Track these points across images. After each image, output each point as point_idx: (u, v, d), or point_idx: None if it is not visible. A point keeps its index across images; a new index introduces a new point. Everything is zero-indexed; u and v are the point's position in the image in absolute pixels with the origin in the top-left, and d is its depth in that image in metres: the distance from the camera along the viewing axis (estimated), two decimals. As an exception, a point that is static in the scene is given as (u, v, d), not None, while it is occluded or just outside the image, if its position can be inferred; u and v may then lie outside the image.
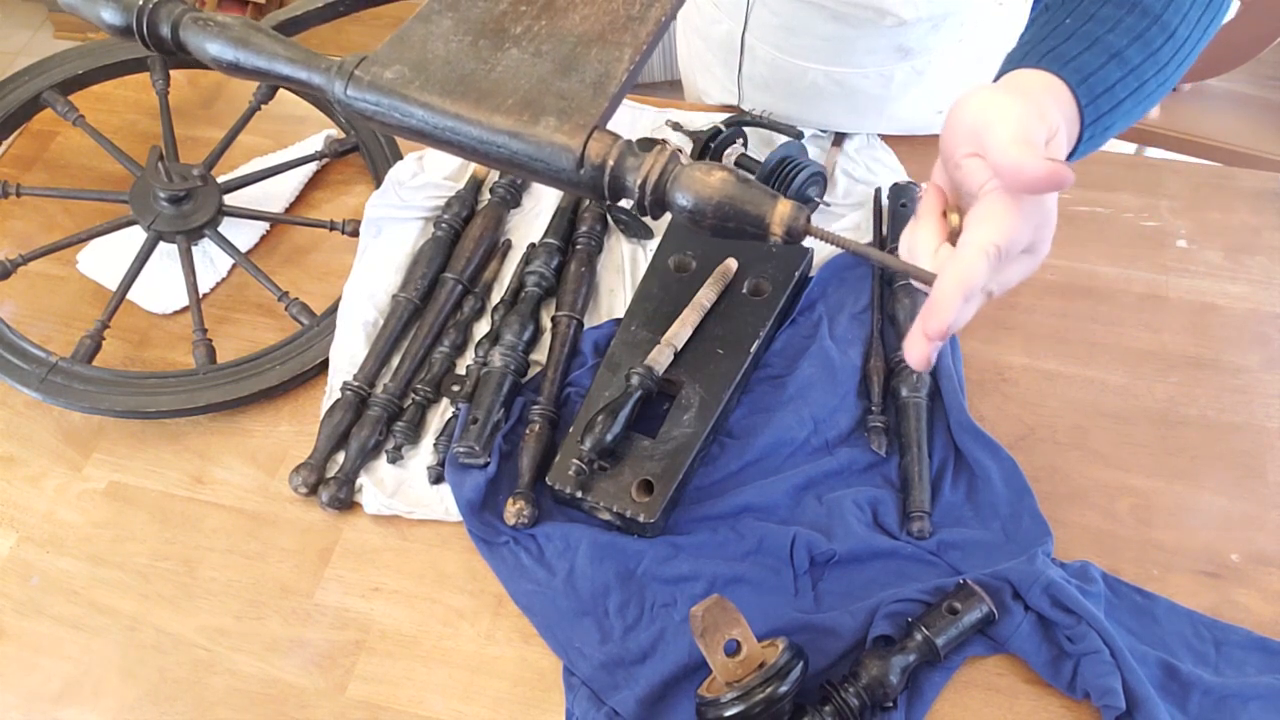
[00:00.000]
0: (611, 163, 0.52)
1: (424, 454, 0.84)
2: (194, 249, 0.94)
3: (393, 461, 0.83)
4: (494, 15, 0.59)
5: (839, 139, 1.01)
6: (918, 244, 0.53)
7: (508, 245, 0.95)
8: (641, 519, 0.76)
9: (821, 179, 0.93)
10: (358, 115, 0.56)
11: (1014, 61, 0.56)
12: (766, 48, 0.96)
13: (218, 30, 0.57)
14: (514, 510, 0.77)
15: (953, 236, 0.53)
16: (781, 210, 0.50)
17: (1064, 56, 0.55)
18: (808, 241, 0.53)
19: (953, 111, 0.53)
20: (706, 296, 0.86)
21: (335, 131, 1.06)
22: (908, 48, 0.91)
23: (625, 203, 0.55)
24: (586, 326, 0.89)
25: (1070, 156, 0.56)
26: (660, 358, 0.82)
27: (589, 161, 0.52)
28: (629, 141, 0.53)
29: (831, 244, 0.51)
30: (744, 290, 0.87)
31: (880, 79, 0.94)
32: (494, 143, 0.54)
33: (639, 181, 0.52)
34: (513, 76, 0.55)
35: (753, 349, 0.84)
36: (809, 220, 0.51)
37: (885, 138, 1.01)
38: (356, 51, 0.57)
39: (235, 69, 0.57)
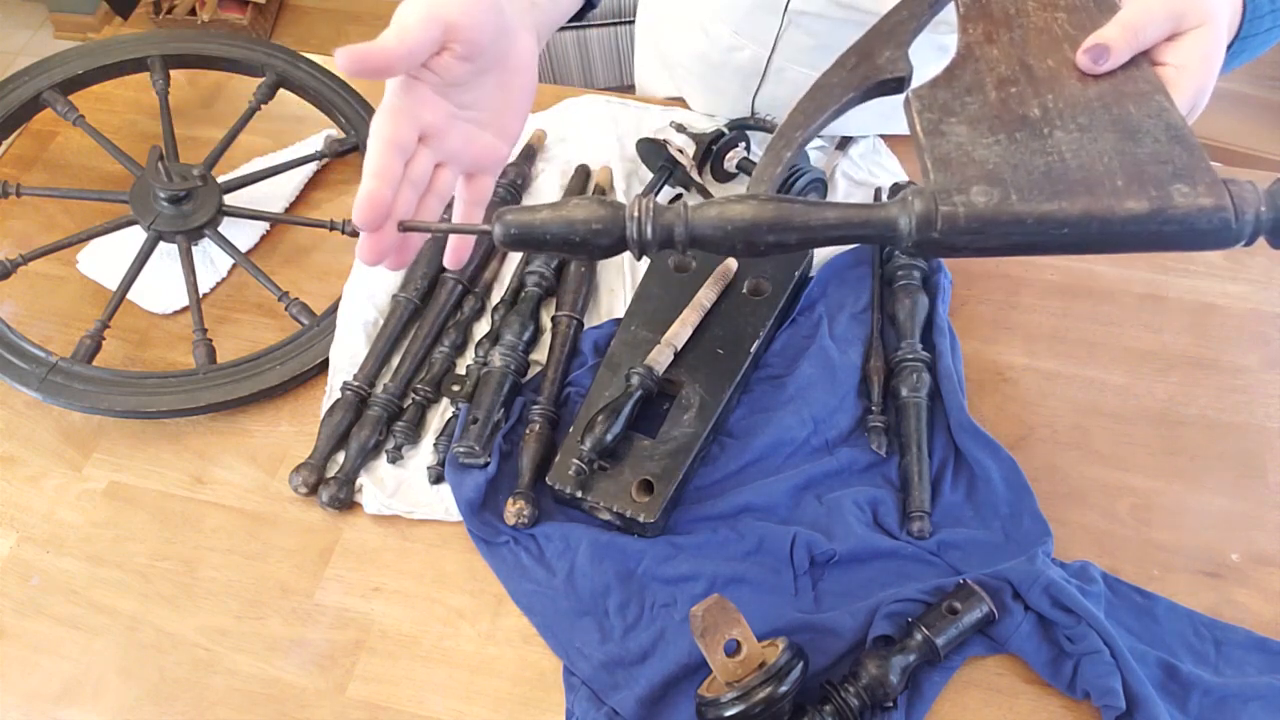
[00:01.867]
0: (1265, 208, 0.49)
1: (424, 454, 0.84)
2: (194, 249, 0.94)
3: (393, 461, 0.83)
4: (995, 105, 0.55)
5: (843, 143, 1.01)
6: None
7: (508, 245, 0.95)
8: (641, 519, 0.76)
9: (822, 184, 0.93)
10: (945, 249, 0.51)
11: None
12: (798, 69, 0.95)
13: (738, 211, 0.51)
14: (514, 510, 0.77)
15: None
16: None
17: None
18: None
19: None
20: (706, 296, 0.86)
21: (335, 131, 1.06)
22: (948, 46, 0.91)
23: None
24: (586, 326, 0.89)
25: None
26: (660, 358, 0.82)
27: (1243, 215, 0.49)
28: (1253, 183, 0.50)
29: None
30: (744, 290, 0.87)
31: (915, 80, 0.94)
32: (1131, 229, 0.50)
33: None
34: (1091, 158, 0.51)
35: (753, 349, 0.84)
36: None
37: (888, 139, 1.01)
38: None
39: (773, 245, 0.51)
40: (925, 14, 0.63)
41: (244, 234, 0.98)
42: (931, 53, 0.92)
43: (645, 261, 0.92)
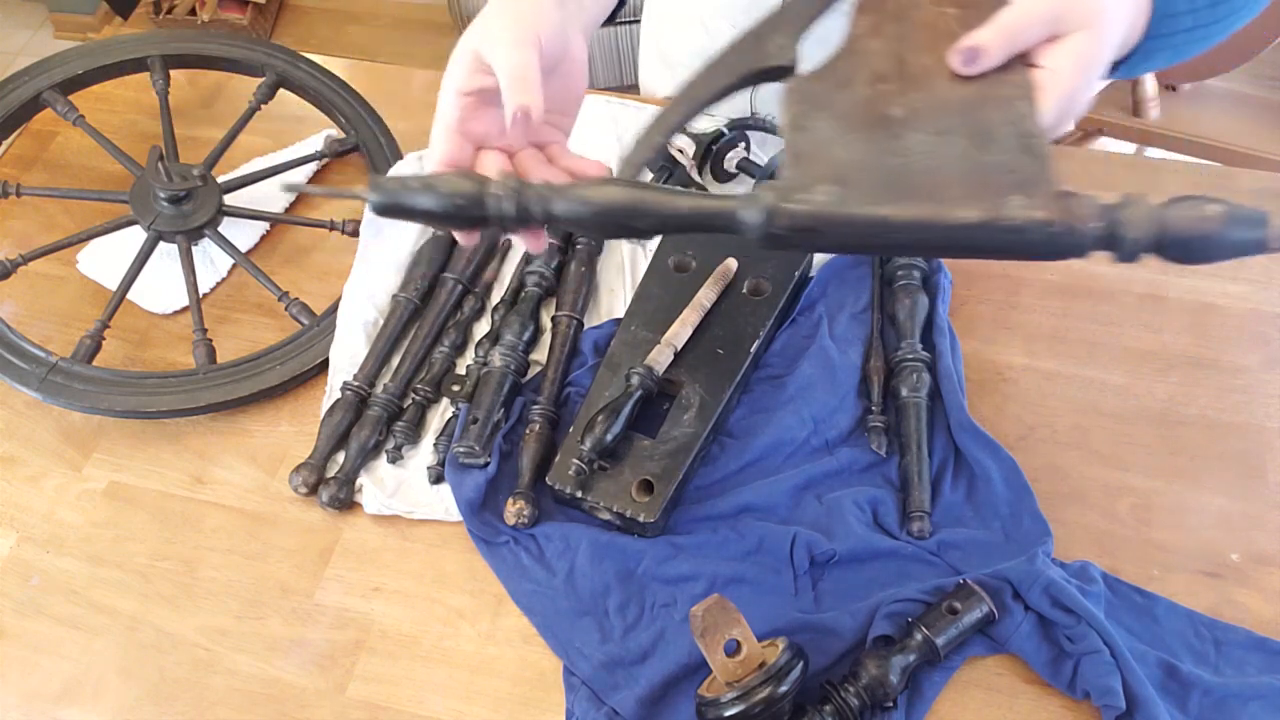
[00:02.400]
0: (1098, 223, 0.49)
1: (424, 454, 0.84)
2: (194, 249, 0.94)
3: (393, 461, 0.83)
4: (862, 103, 0.55)
5: None
6: None
7: (508, 245, 0.95)
8: (641, 519, 0.76)
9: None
10: (784, 243, 0.52)
11: None
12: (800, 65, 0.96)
13: (598, 191, 0.53)
14: (514, 510, 0.77)
15: None
16: (1277, 224, 0.49)
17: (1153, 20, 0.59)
18: None
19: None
20: (706, 296, 0.86)
21: (335, 131, 1.06)
22: None
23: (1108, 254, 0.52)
24: (586, 326, 0.89)
25: (1120, 65, 0.61)
26: (660, 358, 0.82)
27: (1075, 228, 0.49)
28: (1090, 196, 0.50)
29: None
30: (744, 290, 0.87)
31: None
32: (962, 237, 0.50)
33: (1132, 234, 0.49)
34: (938, 164, 0.52)
35: (753, 349, 0.84)
36: None
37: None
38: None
39: (624, 229, 0.53)
40: (824, 4, 0.62)
41: (244, 234, 0.98)
42: None
43: (646, 261, 0.92)
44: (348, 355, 0.88)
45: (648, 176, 0.99)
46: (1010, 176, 0.51)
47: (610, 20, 0.79)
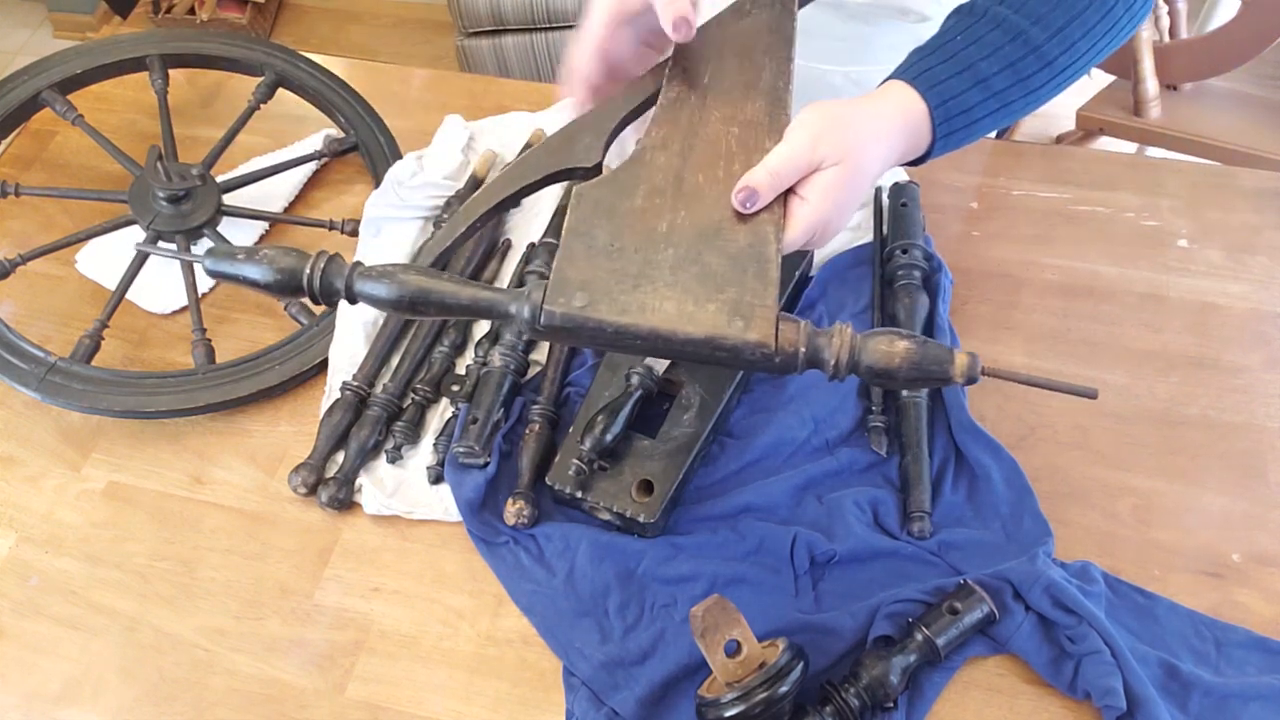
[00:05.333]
0: (804, 349, 0.56)
1: (424, 454, 0.83)
2: (193, 249, 0.93)
3: (392, 461, 0.83)
4: (636, 214, 0.61)
5: None
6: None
7: (508, 245, 0.95)
8: (641, 519, 0.76)
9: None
10: (547, 337, 0.59)
11: (908, 65, 0.65)
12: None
13: (393, 280, 0.58)
14: (514, 510, 0.77)
15: None
16: (959, 363, 0.55)
17: (936, 78, 0.63)
18: None
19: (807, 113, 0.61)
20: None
21: (334, 131, 1.06)
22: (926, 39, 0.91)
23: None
24: (586, 326, 0.89)
25: (928, 156, 0.66)
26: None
27: (783, 351, 0.56)
28: (809, 324, 0.57)
29: (1009, 380, 0.56)
30: (744, 290, 0.87)
31: None
32: (690, 349, 0.57)
33: (832, 360, 0.56)
34: (684, 280, 0.58)
35: (753, 349, 0.83)
36: (982, 367, 0.56)
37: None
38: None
39: (413, 309, 0.59)
40: (635, 108, 0.68)
41: (243, 234, 0.98)
42: (911, 48, 0.92)
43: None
44: (347, 355, 0.88)
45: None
46: (739, 300, 0.57)
47: None
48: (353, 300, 0.60)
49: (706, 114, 0.66)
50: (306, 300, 0.61)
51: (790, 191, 0.61)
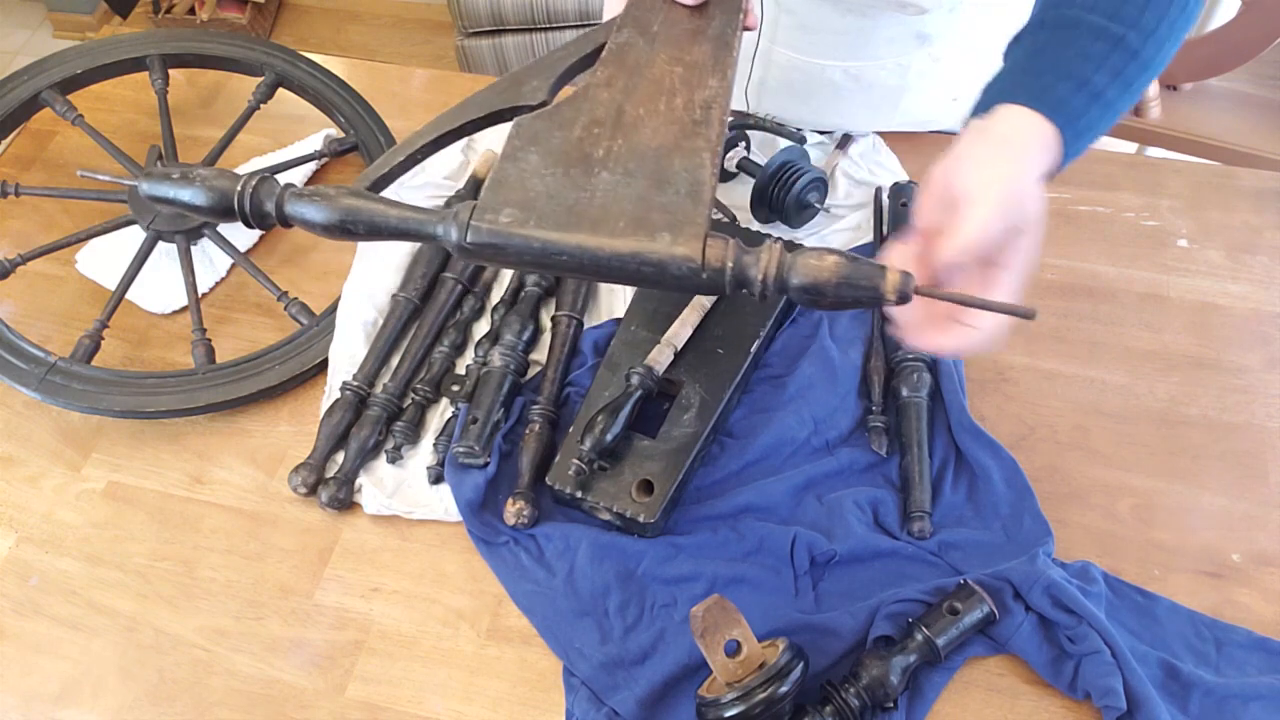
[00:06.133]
0: (731, 264, 0.56)
1: (424, 454, 0.83)
2: (193, 248, 0.93)
3: (392, 461, 0.83)
4: (573, 142, 0.62)
5: (843, 142, 1.01)
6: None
7: (507, 245, 0.95)
8: (641, 519, 0.76)
9: (822, 184, 0.93)
10: (477, 256, 0.59)
11: (1004, 92, 0.60)
12: (783, 50, 0.96)
13: (324, 201, 0.59)
14: (514, 510, 0.77)
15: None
16: (891, 279, 0.54)
17: (1053, 99, 0.59)
18: None
19: (945, 170, 0.58)
20: (707, 296, 0.85)
21: (334, 131, 1.06)
22: (926, 34, 0.91)
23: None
24: (586, 326, 0.89)
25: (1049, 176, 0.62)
26: (660, 357, 0.82)
27: (710, 266, 0.56)
28: (739, 241, 0.56)
29: (940, 299, 0.55)
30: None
31: (898, 70, 0.94)
32: (616, 264, 0.57)
33: (760, 276, 0.55)
34: (615, 200, 0.58)
35: (753, 349, 0.83)
36: (916, 283, 0.55)
37: (889, 137, 1.01)
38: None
39: (344, 232, 0.60)
40: (585, 56, 0.69)
41: (243, 234, 0.98)
42: (910, 42, 0.92)
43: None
44: (347, 355, 0.88)
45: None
46: (668, 217, 0.57)
47: None
48: (285, 222, 0.60)
49: (654, 56, 0.67)
50: (255, 224, 0.61)
51: (990, 263, 0.58)
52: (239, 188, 0.60)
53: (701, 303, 0.85)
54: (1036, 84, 0.60)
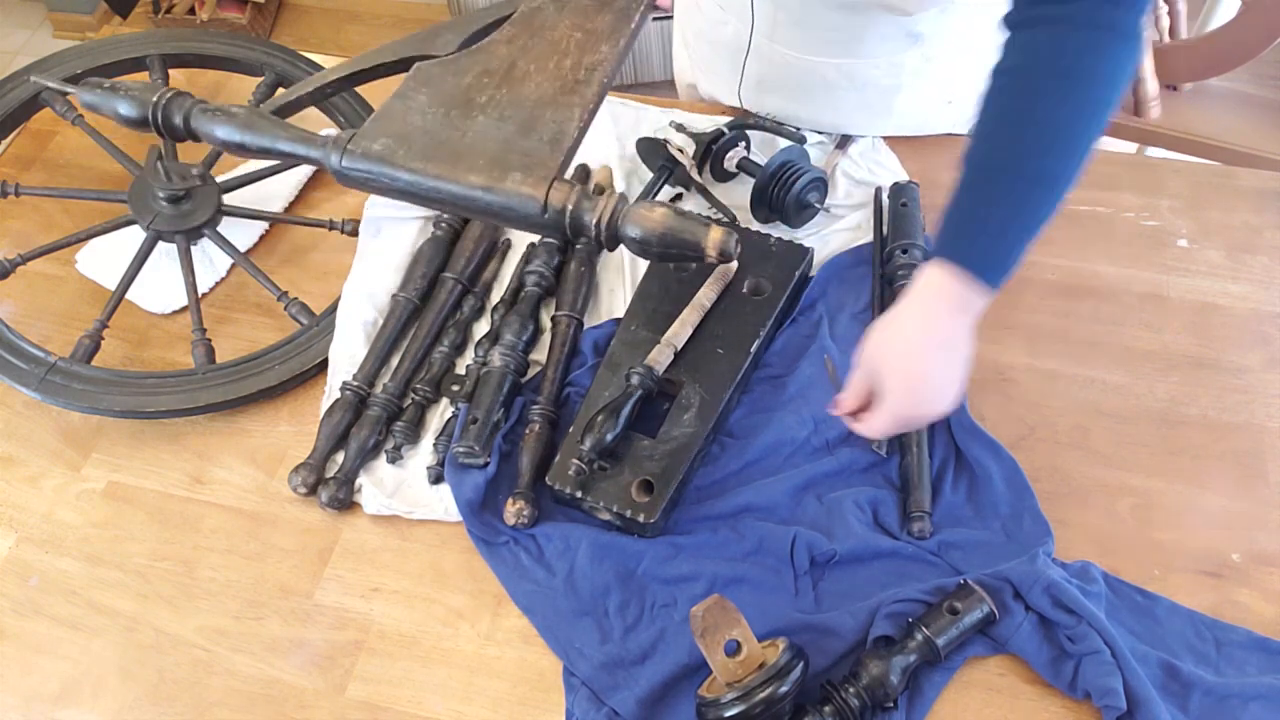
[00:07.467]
0: (570, 207, 0.61)
1: (424, 454, 0.83)
2: (193, 248, 0.93)
3: (392, 461, 0.83)
4: (462, 88, 0.68)
5: (843, 142, 1.01)
6: None
7: (507, 245, 0.95)
8: (641, 519, 0.76)
9: (822, 184, 0.93)
10: (352, 181, 0.65)
11: (941, 243, 0.66)
12: (776, 46, 0.96)
13: (226, 118, 0.65)
14: (514, 510, 0.77)
15: None
16: (713, 235, 0.60)
17: (975, 254, 0.65)
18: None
19: (871, 343, 0.68)
20: (706, 296, 0.85)
21: (335, 131, 1.06)
22: (918, 33, 0.91)
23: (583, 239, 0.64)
24: (586, 326, 0.89)
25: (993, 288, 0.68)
26: (660, 358, 0.82)
27: (551, 207, 0.61)
28: (584, 188, 0.62)
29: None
30: (744, 290, 0.87)
31: (891, 68, 0.94)
32: (470, 197, 0.63)
33: (594, 220, 0.61)
34: (482, 140, 0.64)
35: (753, 349, 0.83)
36: (738, 242, 0.61)
37: (889, 140, 1.01)
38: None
39: (241, 149, 0.66)
40: (498, 20, 0.75)
41: (243, 234, 0.98)
42: (902, 41, 0.92)
43: (645, 261, 0.92)
44: (347, 355, 0.88)
45: (630, 173, 0.99)
46: (525, 159, 0.63)
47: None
48: (194, 136, 0.66)
49: (559, 21, 0.73)
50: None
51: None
52: (154, 98, 0.66)
53: (702, 303, 0.85)
54: (962, 243, 0.66)
